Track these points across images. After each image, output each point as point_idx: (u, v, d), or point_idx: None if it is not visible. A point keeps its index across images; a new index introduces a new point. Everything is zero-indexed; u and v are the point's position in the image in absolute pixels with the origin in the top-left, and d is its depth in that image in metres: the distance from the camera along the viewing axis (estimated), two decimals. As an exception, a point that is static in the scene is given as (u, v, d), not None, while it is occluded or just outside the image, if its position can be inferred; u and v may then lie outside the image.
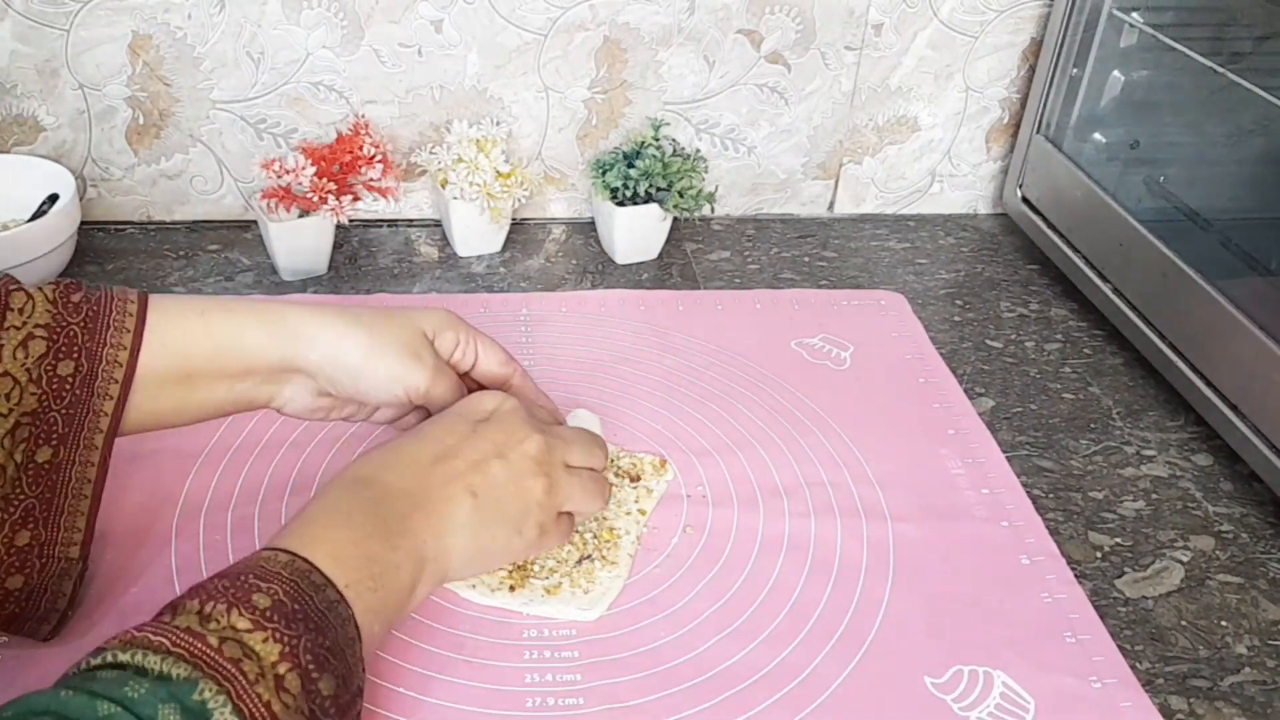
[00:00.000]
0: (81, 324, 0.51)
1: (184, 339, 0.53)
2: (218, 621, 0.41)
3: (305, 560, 0.46)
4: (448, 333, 0.60)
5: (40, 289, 0.52)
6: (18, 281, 0.51)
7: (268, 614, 0.42)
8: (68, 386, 0.51)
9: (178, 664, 0.39)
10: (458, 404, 0.58)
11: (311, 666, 0.42)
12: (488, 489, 0.53)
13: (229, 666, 0.40)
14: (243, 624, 0.42)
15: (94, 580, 0.58)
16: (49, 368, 0.51)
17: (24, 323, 0.50)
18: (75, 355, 0.51)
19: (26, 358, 0.50)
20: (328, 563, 0.46)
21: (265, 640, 0.41)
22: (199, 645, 0.40)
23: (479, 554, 0.54)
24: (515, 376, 0.63)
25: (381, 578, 0.48)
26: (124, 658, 0.39)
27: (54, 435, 0.51)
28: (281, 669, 0.41)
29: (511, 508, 0.54)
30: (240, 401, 0.56)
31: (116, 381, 0.52)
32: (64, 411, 0.51)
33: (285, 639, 0.42)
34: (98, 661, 0.39)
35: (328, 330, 0.56)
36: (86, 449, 0.52)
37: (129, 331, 0.52)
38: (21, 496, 0.51)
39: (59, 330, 0.51)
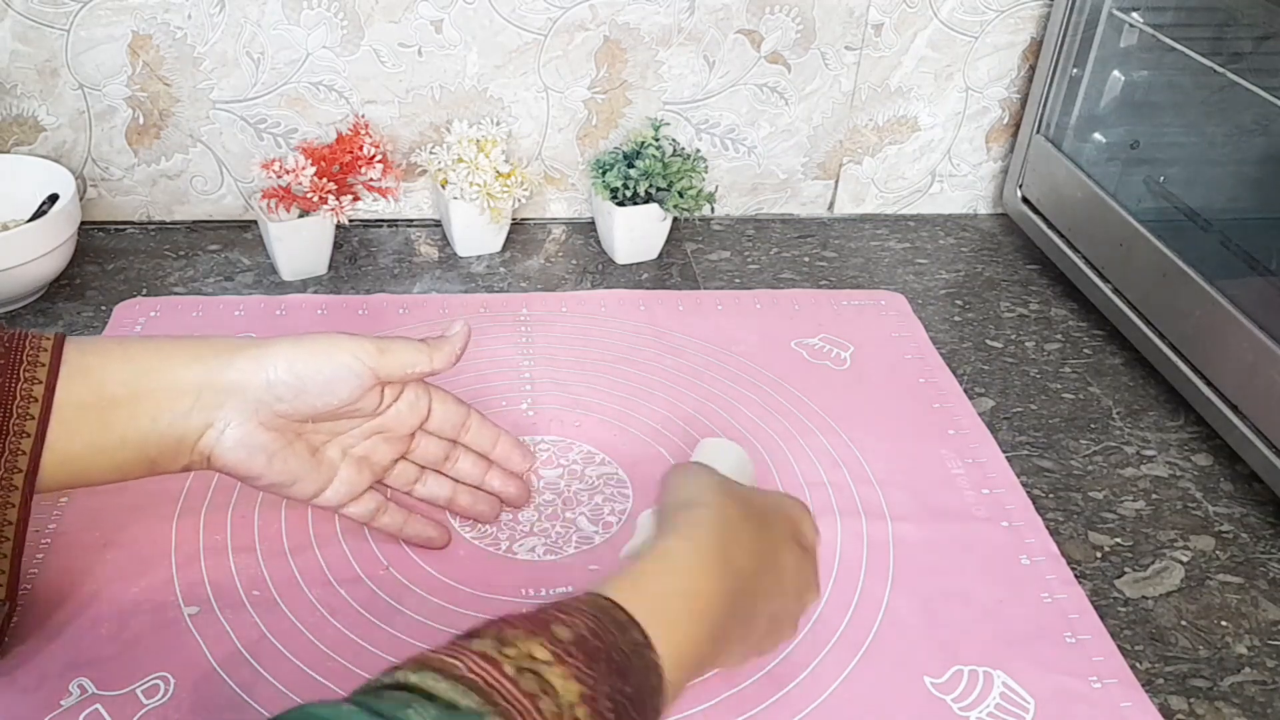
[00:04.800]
0: None
1: (102, 365, 0.51)
2: (516, 648, 0.38)
3: (611, 600, 0.42)
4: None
5: None
6: None
7: (569, 648, 0.39)
8: None
9: (468, 693, 0.36)
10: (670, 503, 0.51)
11: (610, 715, 0.38)
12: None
13: (524, 701, 0.36)
14: (541, 654, 0.38)
15: (94, 581, 0.58)
16: None
17: None
18: None
19: None
20: (637, 607, 0.43)
21: (566, 677, 0.38)
22: (493, 673, 0.37)
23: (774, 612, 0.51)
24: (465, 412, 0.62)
25: (686, 642, 0.44)
26: (414, 679, 0.36)
27: None
28: (580, 713, 0.37)
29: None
30: (166, 437, 0.52)
31: (33, 418, 0.49)
32: None
33: (587, 679, 0.38)
34: (388, 681, 0.37)
35: (250, 343, 0.54)
36: (5, 489, 0.49)
37: (44, 366, 0.50)
38: None
39: None
